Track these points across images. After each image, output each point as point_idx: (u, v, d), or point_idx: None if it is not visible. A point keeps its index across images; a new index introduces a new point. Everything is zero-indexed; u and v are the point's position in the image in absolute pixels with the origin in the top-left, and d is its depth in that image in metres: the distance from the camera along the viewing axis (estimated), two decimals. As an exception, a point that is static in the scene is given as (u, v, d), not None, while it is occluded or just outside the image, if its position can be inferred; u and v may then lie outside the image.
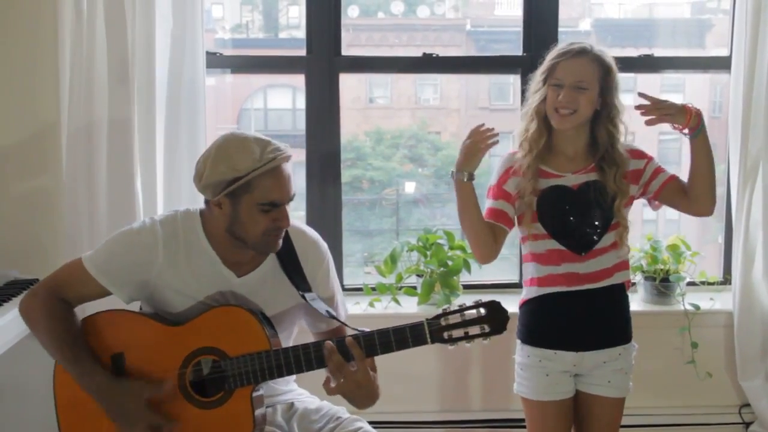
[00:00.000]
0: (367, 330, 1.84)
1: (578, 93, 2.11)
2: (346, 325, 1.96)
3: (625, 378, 2.23)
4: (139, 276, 1.90)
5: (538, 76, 2.19)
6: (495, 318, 1.79)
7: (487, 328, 1.79)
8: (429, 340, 1.80)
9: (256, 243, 1.87)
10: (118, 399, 1.81)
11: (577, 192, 2.18)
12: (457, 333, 1.79)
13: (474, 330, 1.79)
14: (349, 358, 1.81)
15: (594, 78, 2.13)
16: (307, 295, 1.93)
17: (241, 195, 1.81)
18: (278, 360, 1.83)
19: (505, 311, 1.80)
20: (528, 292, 2.24)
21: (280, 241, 1.90)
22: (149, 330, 1.90)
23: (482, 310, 1.79)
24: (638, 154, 2.24)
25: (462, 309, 1.80)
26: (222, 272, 1.92)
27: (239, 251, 1.91)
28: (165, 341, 1.88)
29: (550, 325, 2.20)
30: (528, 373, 2.21)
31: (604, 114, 2.16)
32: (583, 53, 2.13)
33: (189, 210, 1.96)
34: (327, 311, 1.93)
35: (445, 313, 1.80)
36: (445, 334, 1.79)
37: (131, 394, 1.81)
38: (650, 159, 2.25)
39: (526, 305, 2.25)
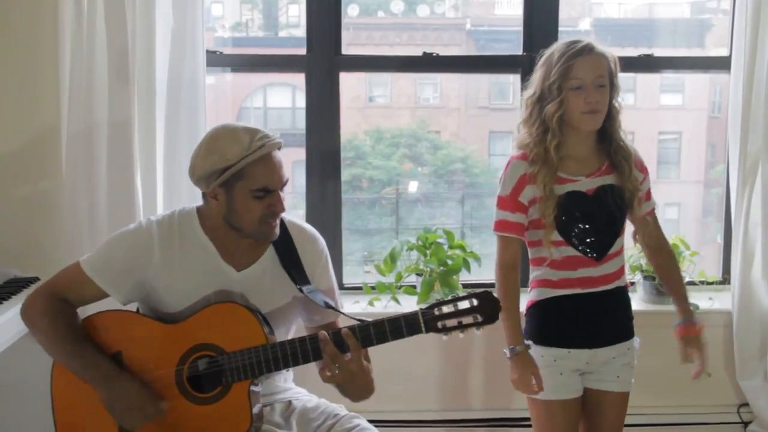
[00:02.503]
0: (364, 320, 1.86)
1: (600, 91, 2.07)
2: (342, 313, 1.99)
3: (631, 372, 2.24)
4: (136, 276, 1.91)
5: (549, 85, 2.08)
6: (487, 308, 1.82)
7: (479, 318, 1.82)
8: (423, 329, 1.82)
9: (252, 231, 1.89)
10: (126, 385, 1.82)
11: (593, 197, 2.14)
12: (451, 322, 1.82)
13: (467, 320, 1.82)
14: (345, 349, 1.82)
15: (607, 74, 2.08)
16: (305, 287, 1.94)
17: (234, 183, 1.84)
18: (275, 353, 1.84)
19: (496, 301, 1.83)
20: (539, 294, 2.20)
21: (277, 230, 1.91)
22: (146, 328, 1.91)
23: (474, 301, 1.82)
24: (640, 165, 2.21)
25: (455, 299, 1.83)
26: (221, 267, 1.93)
27: (237, 242, 1.92)
28: (162, 339, 1.88)
29: (564, 325, 2.17)
30: (541, 373, 2.16)
31: (613, 112, 2.13)
32: (593, 50, 2.07)
33: (185, 208, 1.98)
34: (325, 302, 1.95)
35: (439, 303, 1.83)
36: (439, 324, 1.82)
37: (136, 384, 1.82)
38: (647, 175, 2.24)
39: (537, 306, 2.21)
